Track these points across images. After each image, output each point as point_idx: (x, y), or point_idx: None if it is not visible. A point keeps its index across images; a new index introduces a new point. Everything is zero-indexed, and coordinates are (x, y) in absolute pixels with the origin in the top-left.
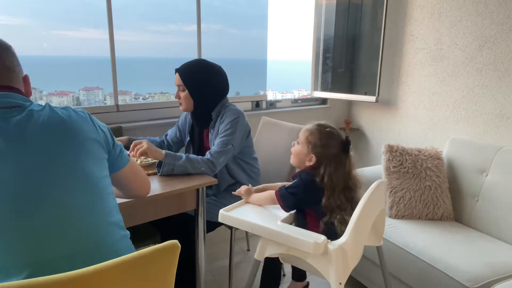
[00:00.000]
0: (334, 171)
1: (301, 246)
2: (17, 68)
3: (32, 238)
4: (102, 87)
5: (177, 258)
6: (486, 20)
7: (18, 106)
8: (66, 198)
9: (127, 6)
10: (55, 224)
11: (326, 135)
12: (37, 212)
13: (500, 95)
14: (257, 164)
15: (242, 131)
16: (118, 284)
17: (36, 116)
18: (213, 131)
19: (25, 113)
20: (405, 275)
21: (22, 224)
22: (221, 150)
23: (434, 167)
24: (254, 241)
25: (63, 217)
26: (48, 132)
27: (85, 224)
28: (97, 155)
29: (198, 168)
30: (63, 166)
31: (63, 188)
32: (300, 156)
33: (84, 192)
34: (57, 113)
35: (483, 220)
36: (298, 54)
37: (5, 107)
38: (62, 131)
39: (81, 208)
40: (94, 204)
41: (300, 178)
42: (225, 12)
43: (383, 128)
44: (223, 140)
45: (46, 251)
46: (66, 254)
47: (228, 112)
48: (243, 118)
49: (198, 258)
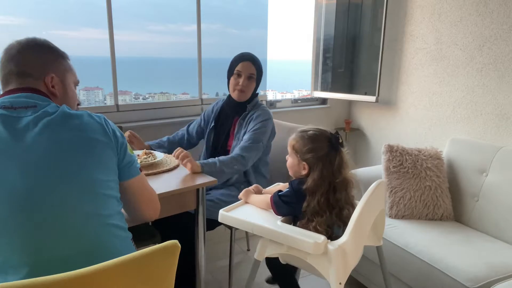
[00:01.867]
0: (319, 174)
1: (301, 246)
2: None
3: (33, 236)
4: (102, 87)
5: (177, 258)
6: (486, 20)
7: (34, 106)
8: (67, 199)
9: (127, 6)
10: (56, 224)
11: (309, 139)
12: (39, 211)
13: (500, 95)
14: (268, 169)
15: (270, 132)
16: (118, 284)
17: (48, 116)
18: (243, 122)
19: (39, 113)
20: (405, 275)
21: (24, 223)
22: (253, 145)
23: (434, 167)
24: (254, 241)
25: (63, 218)
26: (56, 133)
27: (85, 225)
28: (104, 159)
29: (231, 167)
30: (67, 167)
31: (65, 189)
32: (294, 168)
33: (85, 194)
34: (70, 115)
35: (483, 220)
36: (298, 54)
37: (22, 107)
38: (70, 132)
39: (81, 209)
40: (95, 206)
41: (291, 186)
42: (225, 12)
43: (383, 128)
44: (255, 136)
45: (46, 251)
46: (66, 255)
47: (261, 110)
48: (272, 120)
49: (198, 258)
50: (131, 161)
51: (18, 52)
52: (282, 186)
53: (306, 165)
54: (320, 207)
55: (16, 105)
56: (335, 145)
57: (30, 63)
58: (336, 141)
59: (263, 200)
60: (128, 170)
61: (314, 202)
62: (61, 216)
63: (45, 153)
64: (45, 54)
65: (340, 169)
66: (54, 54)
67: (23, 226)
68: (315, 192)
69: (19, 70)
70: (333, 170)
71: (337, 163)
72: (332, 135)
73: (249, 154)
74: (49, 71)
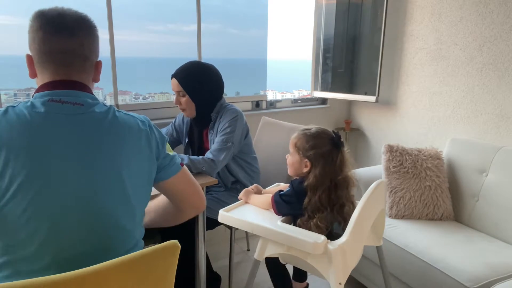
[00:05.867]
0: (321, 171)
1: (301, 246)
2: (94, 56)
3: (61, 232)
4: (102, 87)
5: (177, 258)
6: (486, 20)
7: (81, 104)
8: (98, 199)
9: (127, 6)
10: (86, 222)
11: (312, 136)
12: (88, 212)
13: (500, 95)
14: (257, 164)
15: (241, 129)
16: (118, 284)
17: (96, 117)
18: (212, 131)
19: (87, 113)
20: (405, 275)
21: (58, 214)
22: (222, 147)
23: (434, 167)
24: (254, 241)
25: (94, 217)
26: (101, 134)
27: (110, 227)
28: (136, 164)
29: (199, 168)
30: (103, 170)
31: (100, 190)
32: (295, 165)
33: (115, 198)
34: (116, 117)
35: (483, 220)
36: (298, 54)
37: (69, 102)
38: (112, 135)
39: (110, 211)
40: (124, 210)
41: (292, 186)
42: (224, 12)
43: (383, 128)
44: (222, 138)
45: (72, 248)
46: (88, 251)
47: (227, 111)
48: (242, 117)
49: (198, 258)
50: (172, 159)
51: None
52: (283, 186)
53: (308, 162)
54: (321, 203)
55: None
56: (337, 143)
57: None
58: (338, 139)
59: (264, 200)
60: (170, 168)
61: (315, 198)
62: (93, 215)
63: (88, 154)
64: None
65: (341, 167)
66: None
67: (58, 218)
68: (317, 188)
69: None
70: (335, 167)
71: (338, 161)
72: (334, 133)
73: (218, 157)
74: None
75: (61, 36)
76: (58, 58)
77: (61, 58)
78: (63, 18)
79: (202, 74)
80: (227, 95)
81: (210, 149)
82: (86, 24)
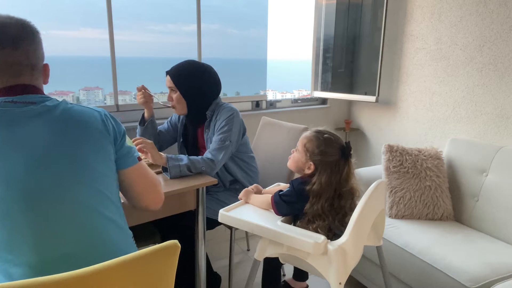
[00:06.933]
0: (327, 179)
1: (301, 246)
2: (40, 61)
3: (44, 233)
4: (102, 87)
5: (177, 258)
6: (486, 20)
7: (33, 102)
8: (75, 195)
9: (127, 6)
10: (65, 220)
11: (324, 142)
12: (51, 207)
13: (500, 95)
14: (255, 163)
15: (238, 127)
16: (118, 284)
17: (50, 110)
18: (208, 130)
19: (40, 106)
20: (405, 275)
21: (35, 219)
22: (220, 146)
23: (434, 167)
24: (254, 241)
25: (72, 213)
26: (60, 126)
27: (91, 221)
28: (102, 151)
29: (199, 168)
30: (72, 160)
31: (71, 182)
32: (298, 163)
33: (88, 188)
34: (71, 108)
35: (483, 220)
36: (298, 54)
37: (22, 102)
38: (73, 125)
39: (88, 205)
40: (98, 203)
41: (292, 186)
42: (224, 12)
43: (383, 128)
44: (220, 137)
45: (54, 247)
46: (70, 252)
47: (223, 110)
48: (238, 115)
49: (198, 258)
50: (129, 150)
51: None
52: (283, 186)
53: (312, 166)
54: (323, 211)
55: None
56: (347, 154)
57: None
58: (348, 151)
59: (264, 200)
60: (127, 159)
61: (318, 206)
62: (70, 212)
63: (52, 145)
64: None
65: (347, 178)
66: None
67: (35, 222)
68: (320, 195)
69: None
70: (341, 178)
71: (345, 172)
72: (345, 143)
73: (217, 157)
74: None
75: (4, 50)
76: (6, 70)
77: (9, 70)
78: (4, 31)
79: (194, 72)
80: (227, 95)
81: (207, 148)
82: (28, 31)
